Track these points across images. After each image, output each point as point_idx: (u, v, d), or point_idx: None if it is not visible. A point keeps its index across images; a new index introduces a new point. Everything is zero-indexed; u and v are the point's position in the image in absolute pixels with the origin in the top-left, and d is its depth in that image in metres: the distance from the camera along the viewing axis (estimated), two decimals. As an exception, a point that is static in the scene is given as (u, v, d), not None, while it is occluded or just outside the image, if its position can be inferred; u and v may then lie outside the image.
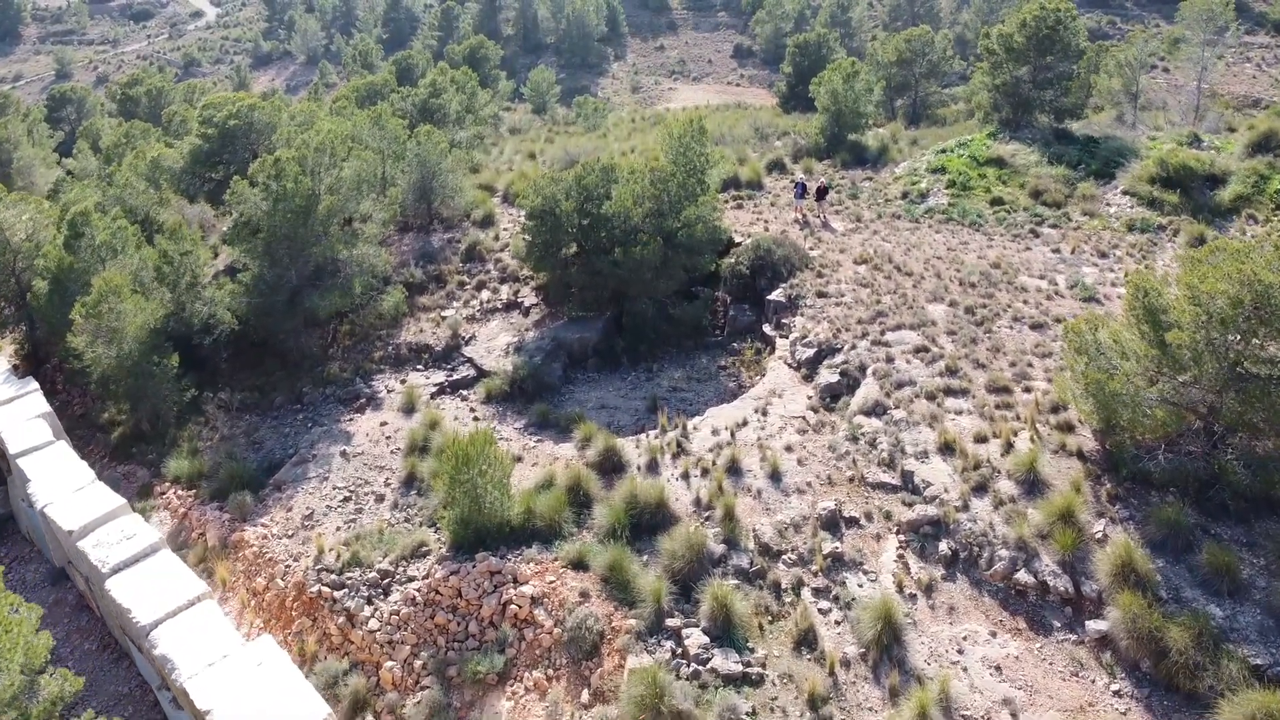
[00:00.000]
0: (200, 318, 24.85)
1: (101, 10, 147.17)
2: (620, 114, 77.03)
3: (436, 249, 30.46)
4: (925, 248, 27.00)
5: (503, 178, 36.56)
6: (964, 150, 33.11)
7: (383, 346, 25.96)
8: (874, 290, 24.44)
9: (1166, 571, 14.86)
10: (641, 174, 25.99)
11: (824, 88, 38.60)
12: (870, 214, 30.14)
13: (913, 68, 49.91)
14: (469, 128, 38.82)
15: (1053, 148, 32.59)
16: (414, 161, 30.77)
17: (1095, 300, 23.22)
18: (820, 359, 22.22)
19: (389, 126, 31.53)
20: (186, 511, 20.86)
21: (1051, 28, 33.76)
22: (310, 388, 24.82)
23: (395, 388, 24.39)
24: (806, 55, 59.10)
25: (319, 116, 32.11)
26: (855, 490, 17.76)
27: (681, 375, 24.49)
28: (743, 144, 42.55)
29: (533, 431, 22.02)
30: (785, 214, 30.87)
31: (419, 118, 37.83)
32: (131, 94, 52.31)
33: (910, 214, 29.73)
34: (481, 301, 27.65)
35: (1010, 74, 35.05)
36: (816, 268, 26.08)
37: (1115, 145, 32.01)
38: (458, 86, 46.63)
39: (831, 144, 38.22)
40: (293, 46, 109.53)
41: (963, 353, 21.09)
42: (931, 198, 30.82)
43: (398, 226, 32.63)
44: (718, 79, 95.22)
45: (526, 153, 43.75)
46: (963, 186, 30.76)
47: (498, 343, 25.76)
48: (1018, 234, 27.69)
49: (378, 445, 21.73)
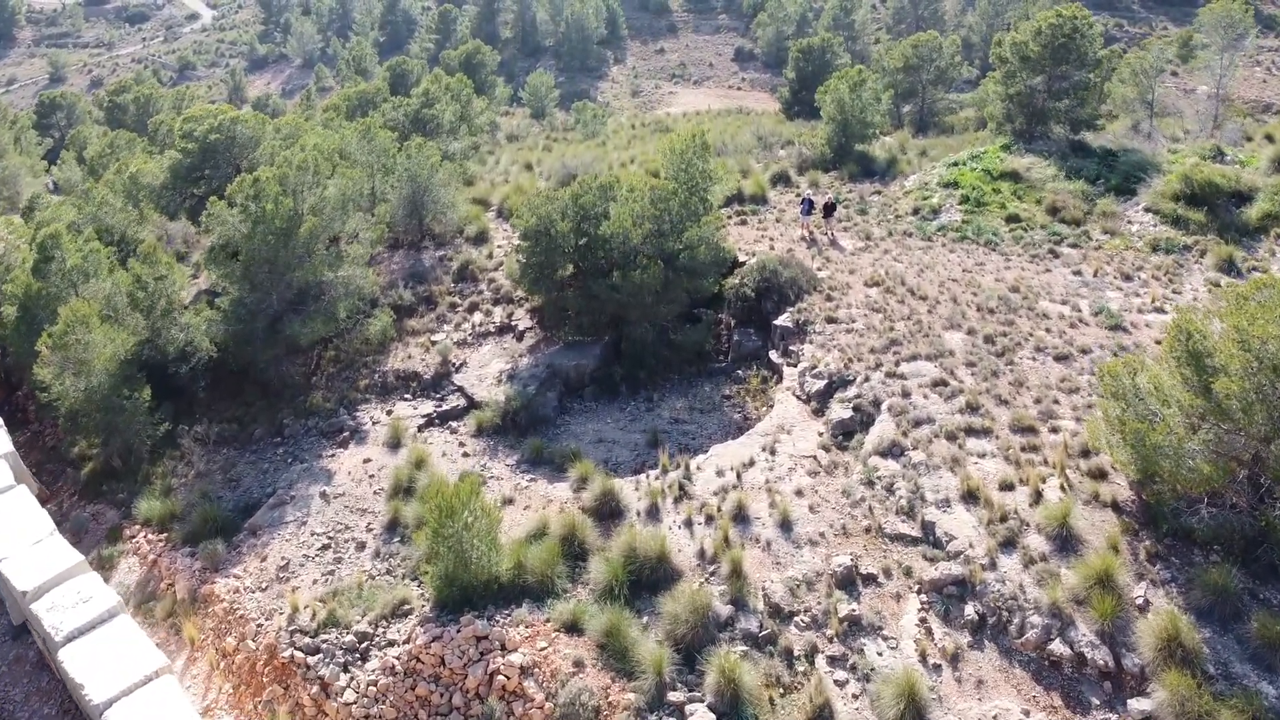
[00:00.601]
0: (176, 345, 23.59)
1: (97, 12, 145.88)
2: (620, 119, 75.77)
3: (427, 268, 29.19)
4: (939, 269, 25.71)
5: (498, 191, 35.28)
6: (977, 164, 31.82)
7: (369, 374, 24.68)
8: (887, 316, 23.15)
9: (1214, 643, 13.60)
10: (641, 192, 24.70)
11: (830, 96, 37.30)
12: (880, 231, 28.85)
13: (920, 74, 48.62)
14: (463, 138, 37.55)
15: (1070, 161, 31.29)
16: (404, 176, 29.49)
17: (1122, 328, 21.93)
18: (831, 392, 20.94)
19: (378, 140, 30.25)
20: (156, 558, 19.58)
21: (1068, 35, 32.47)
22: (291, 419, 23.54)
23: (381, 419, 23.12)
24: (810, 60, 57.79)
25: (305, 129, 30.83)
26: (872, 542, 16.48)
27: (683, 405, 23.21)
28: (745, 154, 41.25)
29: (525, 469, 20.73)
30: (791, 231, 29.59)
31: (411, 128, 36.55)
32: (119, 101, 51.06)
33: (922, 232, 28.44)
34: (474, 325, 26.36)
35: (1024, 84, 33.76)
36: (825, 290, 24.79)
37: (1135, 159, 30.71)
38: (452, 95, 45.35)
39: (838, 155, 36.92)
40: (289, 50, 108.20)
41: (983, 387, 19.80)
42: (944, 214, 29.53)
43: (387, 244, 31.33)
44: (718, 82, 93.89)
45: (523, 163, 42.48)
46: (976, 203, 29.47)
47: (490, 370, 24.47)
48: (1036, 254, 26.38)
49: (360, 485, 20.45)
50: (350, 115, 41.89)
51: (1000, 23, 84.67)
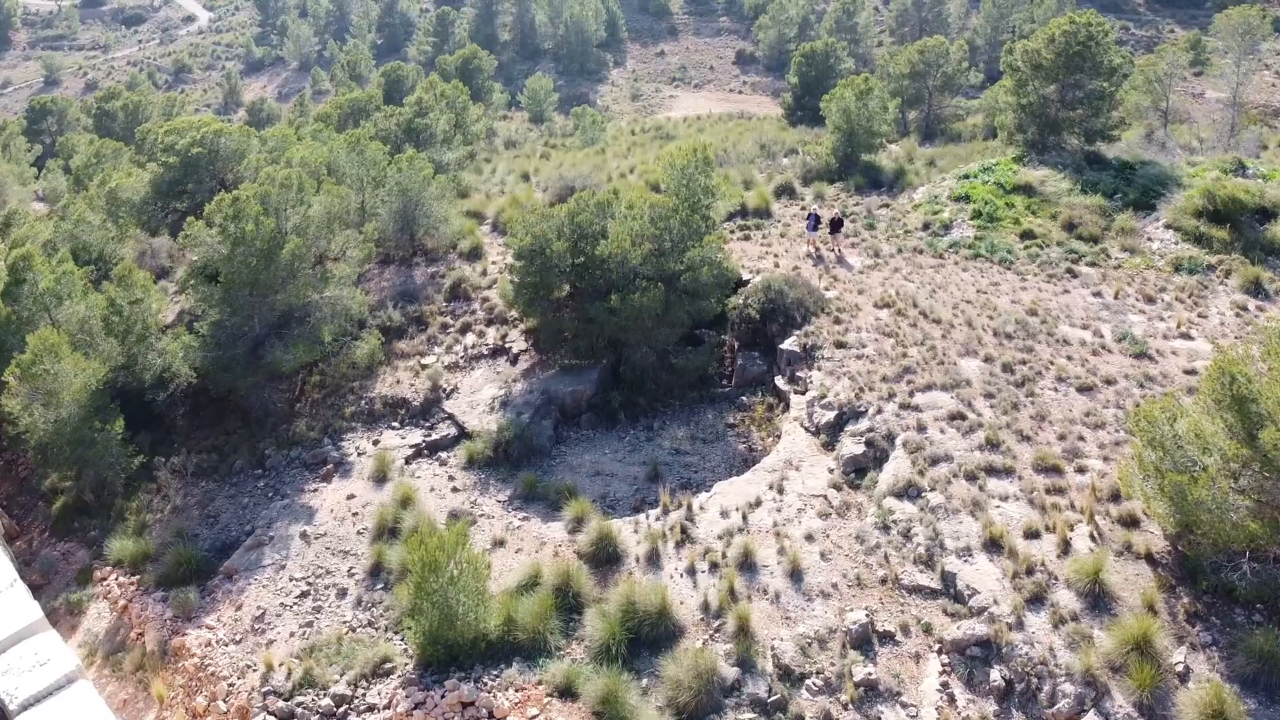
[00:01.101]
0: (153, 371, 22.52)
1: (93, 15, 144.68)
2: (619, 124, 74.70)
3: (418, 286, 28.09)
4: (952, 289, 24.60)
5: (493, 204, 34.18)
6: (989, 176, 30.71)
7: (355, 401, 23.58)
8: (899, 341, 22.05)
9: (1260, 715, 12.50)
10: (640, 210, 23.61)
11: (835, 105, 36.18)
12: (889, 248, 27.74)
13: (926, 80, 47.52)
14: (457, 148, 36.46)
15: (1085, 174, 30.19)
16: (394, 190, 28.39)
17: (1147, 356, 20.81)
18: (842, 424, 19.84)
19: (368, 152, 29.15)
20: (127, 604, 18.48)
21: (1082, 43, 31.37)
22: (273, 449, 22.43)
23: (367, 449, 22.02)
24: (814, 65, 56.67)
25: (292, 142, 29.75)
26: (889, 594, 15.37)
27: (685, 434, 22.09)
28: (748, 164, 40.16)
29: (518, 506, 19.63)
30: (797, 246, 28.48)
31: (404, 139, 35.47)
32: (107, 109, 49.96)
33: (933, 248, 27.33)
34: (465, 347, 25.26)
35: (1037, 93, 32.66)
36: (833, 312, 23.69)
37: (1153, 172, 29.59)
38: (447, 102, 44.29)
39: (844, 165, 35.80)
40: (285, 53, 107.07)
41: (1003, 421, 18.69)
42: (955, 229, 28.42)
43: (378, 259, 30.22)
44: (719, 86, 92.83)
45: (520, 173, 41.38)
46: (989, 218, 28.36)
47: (482, 396, 23.37)
48: (1053, 274, 25.27)
49: (343, 524, 19.35)
50: (343, 124, 40.84)
51: (1005, 25, 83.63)
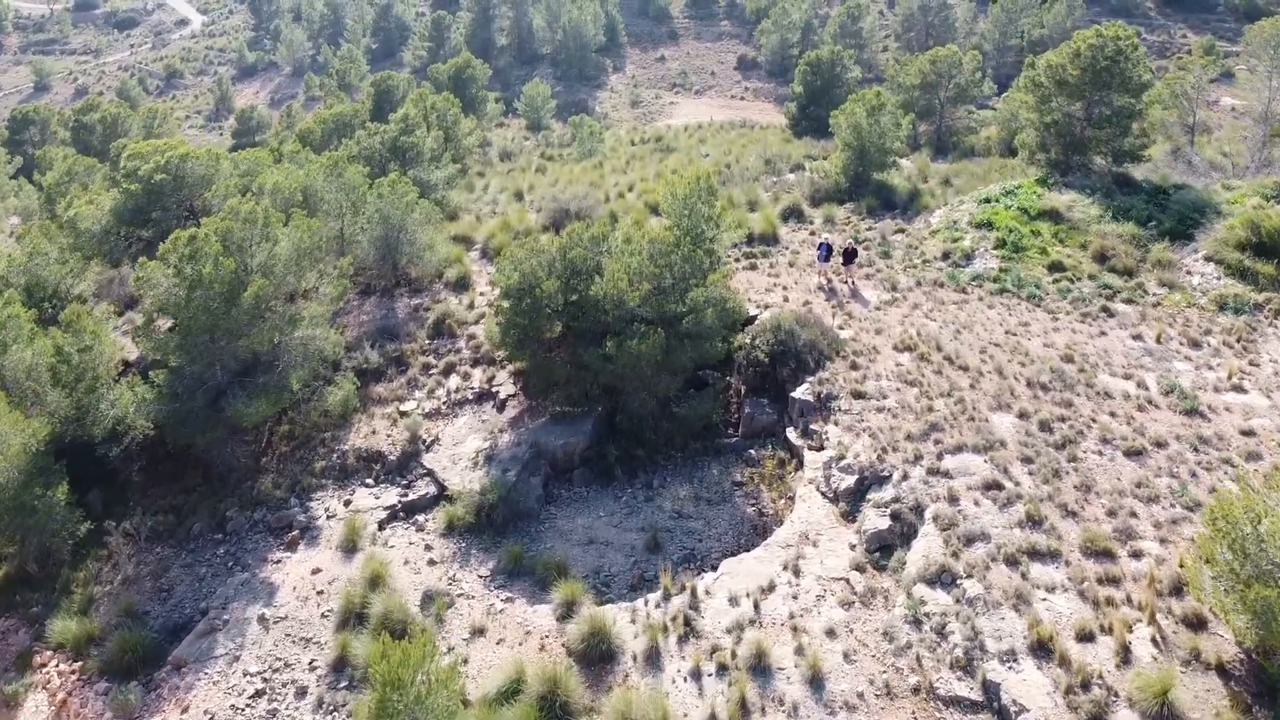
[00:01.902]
0: (105, 424, 20.49)
1: (85, 18, 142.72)
2: (618, 132, 72.71)
3: (400, 321, 26.09)
4: (978, 329, 22.62)
5: (483, 227, 32.18)
6: (1011, 200, 28.71)
7: (326, 454, 21.56)
8: (923, 391, 20.05)
9: None
10: (638, 244, 21.62)
11: (845, 120, 34.20)
12: (907, 280, 25.75)
13: (938, 91, 45.53)
14: (445, 167, 34.46)
15: (1116, 200, 28.19)
16: (375, 218, 26.41)
17: (1199, 413, 18.82)
18: (863, 490, 17.84)
19: (347, 176, 27.15)
20: (67, 696, 16.49)
21: (1110, 59, 29.39)
22: (236, 510, 20.43)
23: (338, 511, 20.02)
24: (819, 74, 54.66)
25: (265, 166, 27.75)
26: (923, 708, 13.38)
27: (688, 493, 20.09)
28: (752, 181, 38.18)
29: (501, 583, 17.63)
30: (807, 278, 26.49)
31: (389, 157, 33.48)
32: (85, 121, 47.95)
33: (955, 281, 25.34)
34: (449, 391, 23.26)
35: (1061, 111, 30.68)
36: (850, 356, 21.70)
37: (1189, 198, 27.59)
38: (438, 115, 42.31)
39: (854, 185, 33.83)
40: (278, 57, 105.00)
41: (1044, 492, 16.70)
42: (978, 260, 26.43)
43: (358, 290, 28.25)
44: (721, 92, 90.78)
45: (513, 190, 39.39)
46: (1014, 247, 26.37)
47: (465, 449, 21.37)
48: (1087, 312, 23.28)
49: (306, 605, 17.34)
50: (326, 140, 38.86)
51: (1014, 30, 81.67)
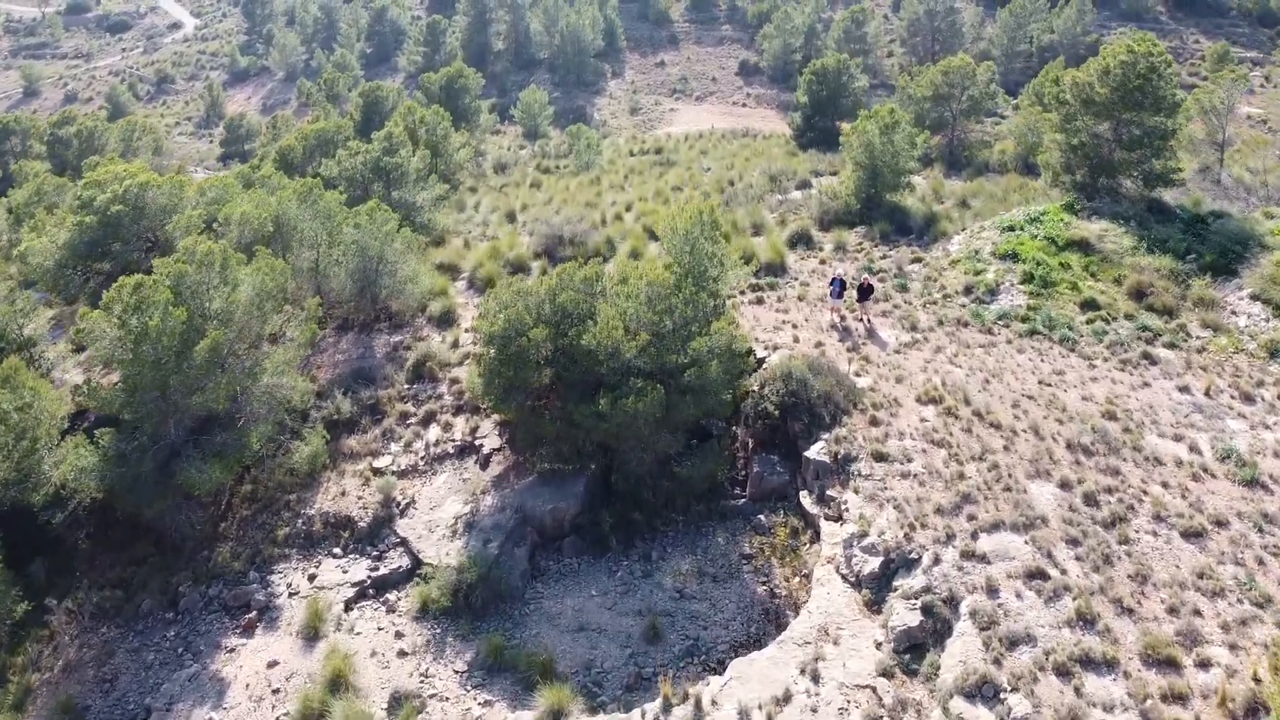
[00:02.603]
0: (47, 489, 18.52)
1: (77, 22, 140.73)
2: (617, 141, 70.78)
3: (377, 362, 24.08)
4: (1009, 378, 20.63)
5: (471, 254, 30.19)
6: (1037, 229, 26.71)
7: (291, 519, 19.56)
8: (952, 454, 18.05)
9: None
10: (636, 286, 19.63)
11: (857, 140, 32.22)
12: (928, 318, 23.77)
13: (950, 104, 43.55)
14: (432, 187, 32.47)
15: (1150, 229, 26.19)
16: (351, 250, 24.44)
17: (1260, 484, 16.82)
18: (889, 574, 15.86)
19: (322, 203, 25.17)
20: (-20, 815, 14.52)
21: (1142, 77, 27.39)
22: (189, 585, 18.45)
23: (301, 587, 18.03)
24: (825, 84, 52.64)
25: (233, 192, 25.75)
26: None
27: (691, 567, 18.11)
28: (755, 201, 36.22)
29: (479, 680, 15.65)
30: (818, 314, 24.52)
31: (372, 178, 31.50)
32: (61, 135, 45.93)
33: (980, 320, 23.34)
34: (428, 444, 21.27)
35: (1088, 131, 28.68)
36: (869, 409, 19.70)
37: (1230, 229, 25.58)
38: (427, 129, 40.36)
39: (866, 207, 31.85)
40: (270, 62, 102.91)
41: (1095, 582, 14.70)
42: (1003, 295, 24.44)
43: (335, 325, 26.29)
44: (722, 98, 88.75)
45: (505, 211, 37.41)
46: (1043, 282, 24.37)
47: (444, 513, 19.37)
48: (1126, 358, 21.28)
49: (259, 707, 15.35)
50: (309, 156, 36.90)
51: (1022, 35, 79.74)
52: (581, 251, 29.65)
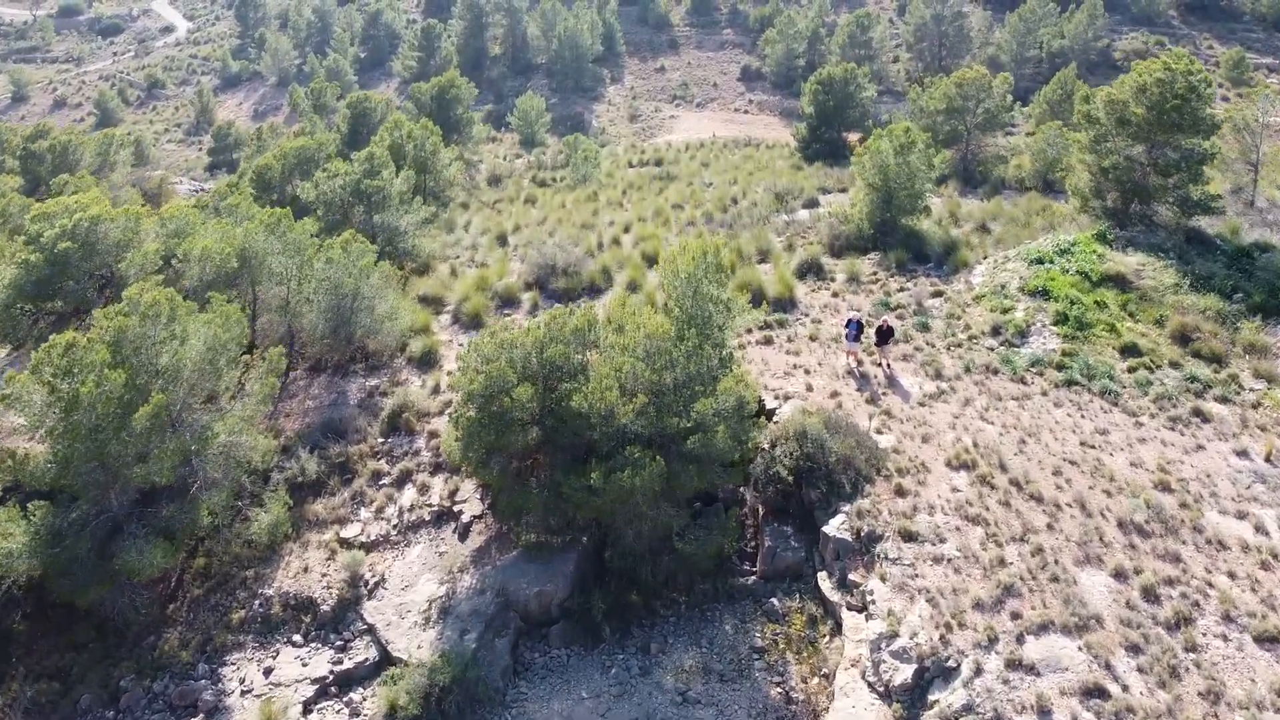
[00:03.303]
0: (-29, 567, 16.47)
1: (68, 25, 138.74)
2: (616, 150, 68.75)
3: (350, 411, 22.05)
4: (1047, 438, 18.60)
5: (457, 286, 28.13)
6: (1068, 261, 24.67)
7: (247, 599, 17.53)
8: (990, 532, 16.03)
9: None
10: (632, 337, 17.58)
11: (870, 160, 30.16)
12: (953, 363, 21.73)
13: (964, 117, 41.52)
14: (416, 210, 30.41)
15: (1192, 264, 24.15)
16: (322, 288, 22.43)
17: (1346, 574, 14.83)
18: (924, 685, 13.83)
19: (291, 235, 23.15)
20: None
21: (1181, 96, 25.34)
22: (133, 678, 16.42)
23: (255, 683, 16.01)
24: (831, 94, 50.64)
25: (195, 224, 23.71)
26: None
27: (695, 662, 16.06)
28: (761, 223, 34.17)
29: (454, 808, 13.63)
30: (833, 357, 22.50)
31: (352, 201, 29.45)
32: (34, 149, 43.93)
33: (1011, 367, 21.30)
34: (401, 510, 19.24)
35: (1121, 153, 26.64)
36: (893, 475, 17.68)
37: (1278, 264, 23.55)
38: (415, 145, 38.33)
39: (880, 232, 29.79)
40: (262, 67, 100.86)
41: (1163, 702, 12.68)
42: (1034, 337, 22.40)
43: (307, 366, 24.29)
44: (723, 105, 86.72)
45: (496, 233, 35.32)
46: (1077, 323, 22.34)
47: (417, 595, 17.33)
48: (1176, 415, 19.22)
49: (197, 844, 13.34)
50: (288, 175, 34.84)
51: (1032, 41, 77.73)
52: (576, 282, 27.63)
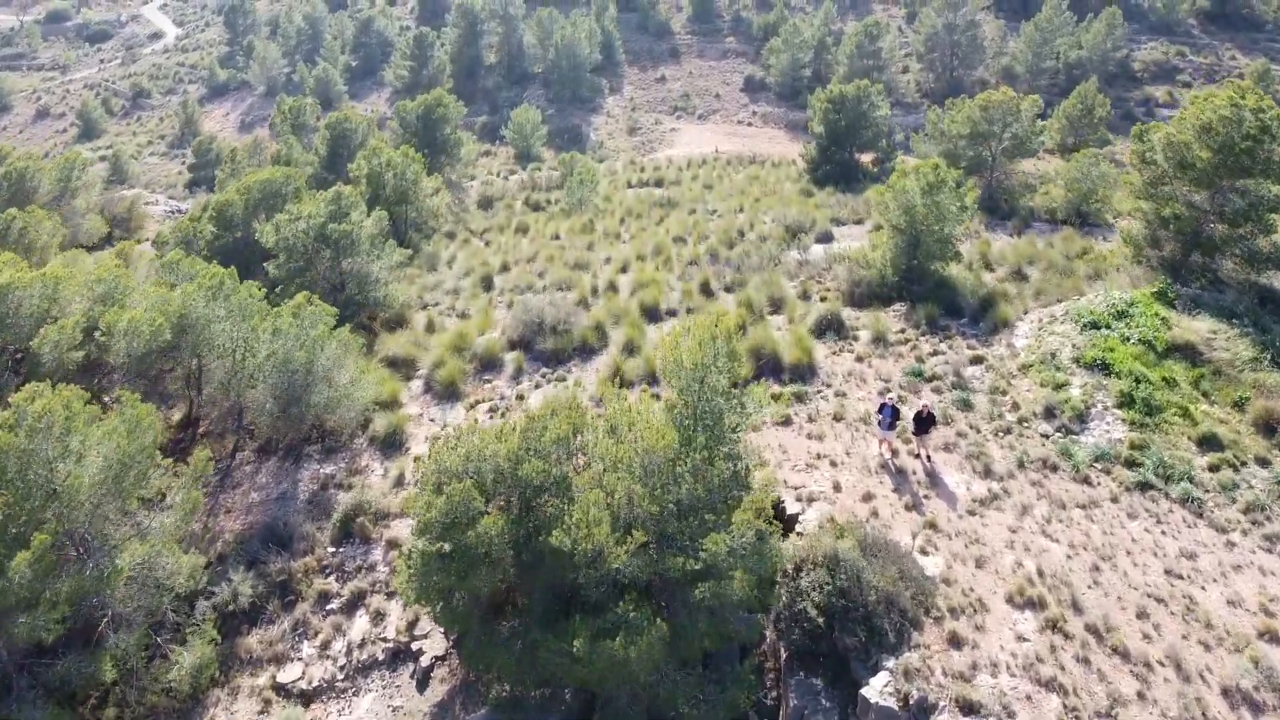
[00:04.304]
0: None
1: (56, 30, 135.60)
2: (614, 165, 65.64)
3: (297, 509, 18.92)
4: (1123, 563, 15.47)
5: (433, 343, 25.00)
6: (1127, 327, 21.52)
7: (160, 773, 14.44)
8: (1068, 704, 12.91)
9: None
10: (628, 452, 14.44)
11: (894, 199, 27.06)
12: (1003, 455, 18.60)
13: (989, 143, 38.36)
14: (389, 254, 27.29)
15: (1270, 331, 21.00)
16: (268, 364, 19.32)
17: None
18: None
19: (236, 300, 20.04)
20: None
21: (1251, 138, 22.22)
22: None
23: None
24: (843, 113, 47.45)
25: (126, 290, 20.57)
26: None
27: None
28: (771, 263, 31.05)
29: None
30: (862, 443, 19.38)
31: (318, 247, 26.31)
32: (-13, 174, 40.89)
33: (1072, 462, 18.18)
34: (351, 645, 16.10)
35: (1183, 200, 23.52)
36: (944, 616, 14.56)
37: (1377, 332, 20.44)
38: (395, 173, 35.26)
39: (906, 280, 26.71)
40: (250, 76, 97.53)
41: None
42: (1095, 423, 19.26)
43: (256, 447, 21.20)
44: (726, 117, 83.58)
45: (481, 273, 32.13)
46: (1145, 406, 19.20)
47: (367, 766, 14.22)
48: (1272, 533, 16.10)
49: None
50: (252, 212, 31.72)
51: (1048, 51, 74.59)
52: (565, 342, 24.50)
